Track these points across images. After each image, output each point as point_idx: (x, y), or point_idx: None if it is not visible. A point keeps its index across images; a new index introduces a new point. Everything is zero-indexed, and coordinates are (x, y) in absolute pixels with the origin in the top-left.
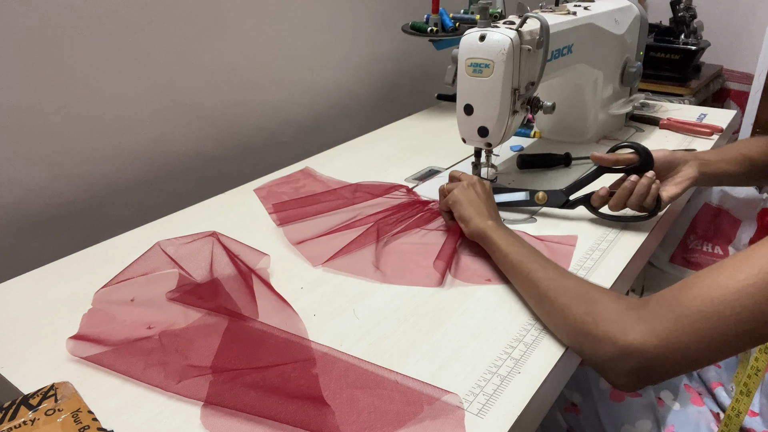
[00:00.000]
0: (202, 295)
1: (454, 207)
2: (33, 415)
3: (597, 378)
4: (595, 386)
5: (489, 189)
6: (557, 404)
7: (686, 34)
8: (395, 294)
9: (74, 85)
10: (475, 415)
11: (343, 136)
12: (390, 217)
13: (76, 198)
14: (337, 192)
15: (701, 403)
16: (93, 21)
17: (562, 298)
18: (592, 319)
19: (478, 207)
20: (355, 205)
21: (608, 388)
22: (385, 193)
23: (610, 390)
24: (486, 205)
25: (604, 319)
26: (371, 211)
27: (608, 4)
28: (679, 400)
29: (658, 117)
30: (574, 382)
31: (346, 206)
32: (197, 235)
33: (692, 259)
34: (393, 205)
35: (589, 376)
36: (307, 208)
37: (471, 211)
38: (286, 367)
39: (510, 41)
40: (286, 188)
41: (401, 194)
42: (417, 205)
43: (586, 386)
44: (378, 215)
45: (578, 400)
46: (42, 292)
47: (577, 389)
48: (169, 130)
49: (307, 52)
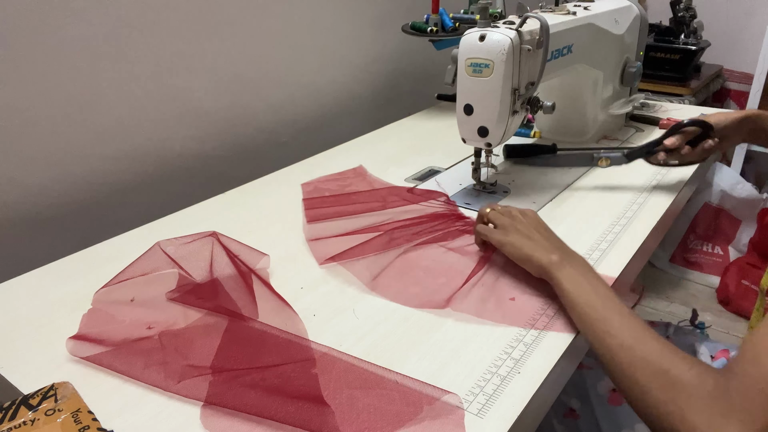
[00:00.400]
0: (202, 295)
1: (505, 245)
2: (33, 415)
3: (595, 382)
4: (594, 391)
5: (538, 217)
6: (556, 410)
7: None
8: None
9: (74, 85)
10: (475, 415)
11: (343, 136)
12: (414, 227)
13: (76, 198)
14: (371, 194)
15: None
16: (93, 21)
17: (640, 375)
18: (676, 409)
19: (536, 240)
20: (386, 210)
21: (606, 392)
22: (419, 201)
23: (609, 394)
24: (544, 235)
25: (689, 409)
26: (402, 216)
27: (608, 4)
28: None
29: (658, 117)
30: (572, 387)
31: (378, 209)
32: (197, 235)
33: (692, 259)
34: (425, 214)
35: (587, 380)
36: (337, 207)
37: (529, 246)
38: (286, 367)
39: (510, 41)
40: (332, 185)
41: (439, 203)
42: (451, 218)
43: (584, 391)
44: (399, 223)
45: (577, 406)
46: (42, 292)
47: (576, 394)
48: (169, 130)
49: (307, 52)
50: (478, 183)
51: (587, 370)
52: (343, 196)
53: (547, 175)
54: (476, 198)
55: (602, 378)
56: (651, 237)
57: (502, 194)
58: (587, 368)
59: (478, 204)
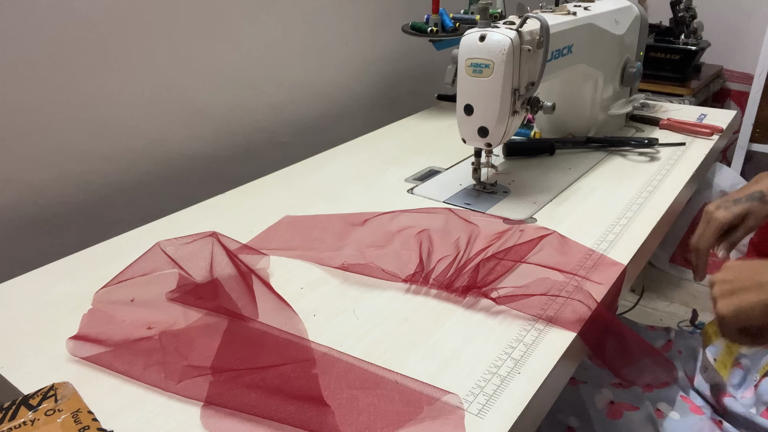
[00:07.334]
0: (202, 295)
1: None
2: (33, 416)
3: (592, 397)
4: (591, 406)
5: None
6: (555, 431)
7: (686, 34)
8: (395, 294)
9: (74, 85)
10: (475, 415)
11: (343, 136)
12: None
13: (76, 198)
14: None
15: (701, 412)
16: (93, 21)
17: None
18: None
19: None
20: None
21: (604, 407)
22: None
23: (607, 407)
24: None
25: None
26: None
27: (608, 4)
28: (678, 410)
29: (658, 117)
30: (568, 404)
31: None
32: (197, 235)
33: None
34: None
35: (584, 395)
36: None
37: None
38: (286, 368)
39: (510, 41)
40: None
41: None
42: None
43: (581, 407)
44: None
45: (575, 423)
46: (42, 292)
47: (573, 412)
48: (169, 130)
49: (307, 52)
50: (478, 183)
51: (582, 385)
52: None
53: (547, 175)
54: (476, 198)
55: (598, 391)
56: (651, 237)
57: (502, 194)
58: (582, 383)
59: (478, 204)
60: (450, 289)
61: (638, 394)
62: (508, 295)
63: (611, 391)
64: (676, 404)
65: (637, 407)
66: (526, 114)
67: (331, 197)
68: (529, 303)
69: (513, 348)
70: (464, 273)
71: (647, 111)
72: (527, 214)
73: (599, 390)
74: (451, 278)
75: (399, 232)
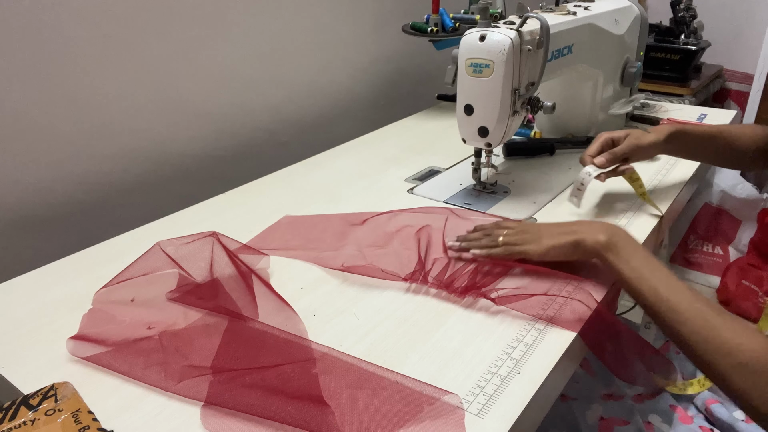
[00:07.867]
0: (202, 295)
1: (548, 251)
2: (33, 416)
3: (583, 412)
4: (583, 422)
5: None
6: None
7: (686, 34)
8: (395, 294)
9: (74, 85)
10: (475, 415)
11: (343, 136)
12: None
13: (76, 198)
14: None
15: (690, 420)
16: (93, 21)
17: (719, 365)
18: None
19: (565, 229)
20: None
21: (596, 422)
22: None
23: (599, 423)
24: (562, 226)
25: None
26: None
27: (608, 4)
28: (668, 421)
29: (658, 117)
30: (561, 420)
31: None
32: (197, 235)
33: (692, 260)
34: None
35: (575, 411)
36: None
37: (567, 236)
38: (286, 368)
39: (510, 41)
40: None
41: None
42: None
43: (573, 423)
44: None
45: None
46: (42, 292)
47: (565, 428)
48: (169, 131)
49: (307, 52)
50: (478, 183)
51: (572, 401)
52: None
53: (548, 175)
54: (476, 198)
55: (588, 407)
56: (651, 237)
57: (502, 194)
58: (572, 399)
59: (478, 204)
60: (450, 289)
61: (628, 407)
62: (508, 296)
63: (601, 405)
64: (665, 415)
65: (628, 422)
66: (526, 114)
67: (331, 197)
68: (529, 303)
69: (513, 348)
70: (464, 273)
71: (647, 111)
72: (527, 214)
73: (589, 406)
74: (451, 278)
75: (398, 231)
